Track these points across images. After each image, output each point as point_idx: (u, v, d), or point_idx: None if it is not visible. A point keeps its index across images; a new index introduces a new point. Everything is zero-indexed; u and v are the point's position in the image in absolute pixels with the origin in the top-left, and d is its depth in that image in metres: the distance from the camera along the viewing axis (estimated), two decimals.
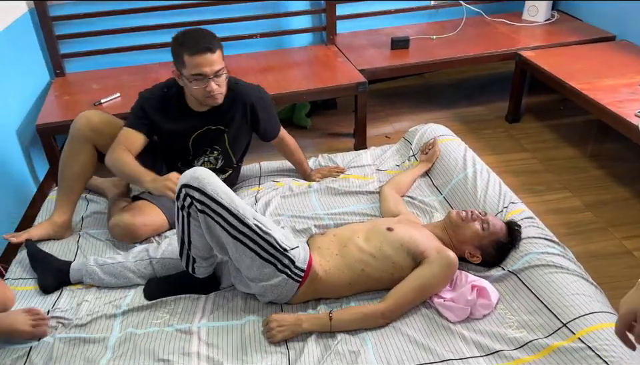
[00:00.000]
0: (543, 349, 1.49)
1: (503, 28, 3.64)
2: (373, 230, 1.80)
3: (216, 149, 2.20)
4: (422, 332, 1.62)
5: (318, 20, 3.63)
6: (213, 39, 1.93)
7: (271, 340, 1.61)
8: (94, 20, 3.18)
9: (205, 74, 1.91)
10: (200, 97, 1.99)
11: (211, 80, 1.93)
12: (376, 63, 3.23)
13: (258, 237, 1.61)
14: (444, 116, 3.50)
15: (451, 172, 2.27)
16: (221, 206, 1.58)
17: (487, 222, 1.80)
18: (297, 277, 1.68)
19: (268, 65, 3.29)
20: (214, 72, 1.92)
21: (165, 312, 1.75)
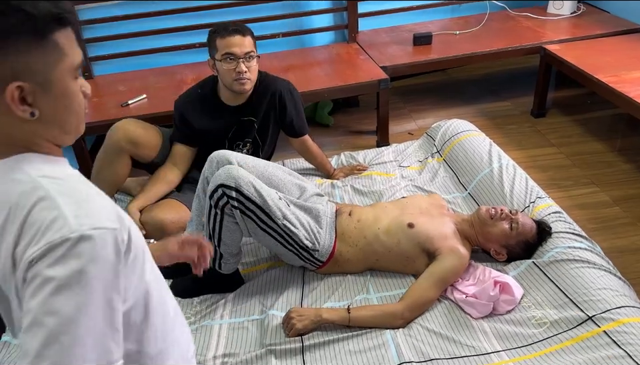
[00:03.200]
0: (566, 341, 1.48)
1: (527, 23, 3.59)
2: (395, 222, 1.83)
3: (248, 141, 2.26)
4: (445, 327, 1.62)
5: (340, 19, 3.63)
6: (244, 27, 2.07)
7: (291, 330, 1.62)
8: (121, 24, 3.24)
9: (235, 53, 2.02)
10: (229, 81, 2.06)
11: (241, 62, 2.02)
12: (398, 60, 3.23)
13: (285, 234, 1.73)
14: (468, 112, 3.47)
15: (476, 168, 2.26)
16: (255, 205, 1.67)
17: (517, 222, 1.77)
18: (316, 265, 1.85)
19: (290, 64, 3.31)
20: (244, 53, 2.02)
21: (190, 313, 1.79)
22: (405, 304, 1.66)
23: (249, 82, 2.09)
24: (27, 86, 0.80)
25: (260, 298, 1.83)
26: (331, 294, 1.81)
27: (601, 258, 1.73)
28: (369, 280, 1.86)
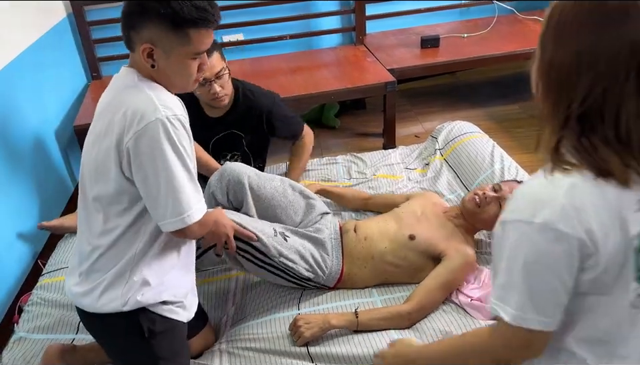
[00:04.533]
0: None
1: (536, 26, 3.58)
2: (397, 238, 1.80)
3: (236, 154, 2.26)
4: (452, 326, 1.61)
5: (347, 21, 3.64)
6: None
7: (299, 339, 1.60)
8: None
9: (206, 78, 1.99)
10: (207, 100, 2.11)
11: (213, 83, 2.03)
12: (405, 62, 3.22)
13: (283, 269, 1.71)
14: (476, 115, 3.46)
15: (478, 169, 2.26)
16: (249, 245, 1.65)
17: (504, 198, 1.76)
18: (324, 287, 1.83)
19: (297, 66, 3.31)
20: (214, 75, 2.02)
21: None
22: (411, 304, 1.64)
23: (225, 97, 2.11)
24: (155, 50, 1.24)
25: (258, 302, 1.82)
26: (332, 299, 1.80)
27: None
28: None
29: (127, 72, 1.31)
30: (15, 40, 2.47)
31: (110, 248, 1.34)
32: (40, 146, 2.62)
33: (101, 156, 1.29)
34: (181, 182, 1.25)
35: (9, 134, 2.31)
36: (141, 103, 1.24)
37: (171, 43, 1.23)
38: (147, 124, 1.21)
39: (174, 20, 1.20)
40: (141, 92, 1.26)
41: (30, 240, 2.37)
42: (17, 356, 1.71)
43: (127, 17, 1.24)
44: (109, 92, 1.35)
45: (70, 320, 1.83)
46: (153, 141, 1.22)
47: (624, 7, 0.82)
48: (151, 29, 1.21)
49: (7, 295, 2.15)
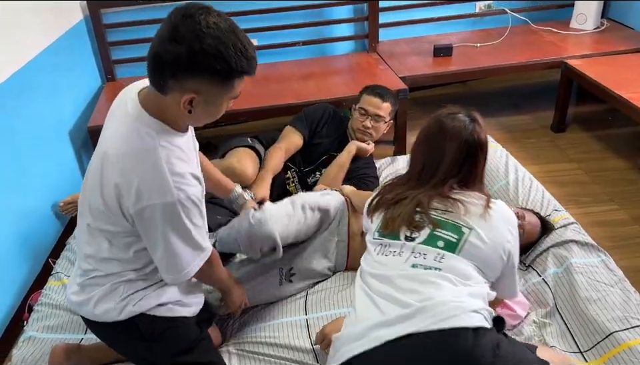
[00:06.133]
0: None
1: (549, 37, 3.57)
2: None
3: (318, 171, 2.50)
4: None
5: (360, 28, 3.65)
6: (390, 94, 2.47)
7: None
8: (144, 28, 3.30)
9: (368, 111, 2.39)
10: (354, 128, 2.46)
11: (368, 119, 2.38)
12: (417, 71, 3.23)
13: None
14: (487, 125, 3.37)
15: (492, 180, 2.25)
16: None
17: (523, 228, 1.78)
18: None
19: (310, 72, 3.33)
20: (374, 114, 2.40)
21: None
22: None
23: (369, 136, 2.44)
24: (198, 99, 1.18)
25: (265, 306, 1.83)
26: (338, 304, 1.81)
27: (613, 273, 1.71)
28: None
29: (138, 114, 1.24)
30: (33, 41, 2.51)
31: (110, 273, 1.38)
32: (54, 146, 2.65)
33: (105, 199, 1.27)
34: (180, 248, 1.28)
35: (24, 134, 2.34)
36: (152, 179, 1.20)
37: (216, 93, 1.20)
38: (156, 204, 1.20)
39: (227, 74, 1.16)
40: (154, 161, 1.20)
41: (42, 239, 2.40)
42: (26, 355, 1.73)
43: (171, 66, 1.14)
44: (115, 125, 1.29)
45: (78, 321, 1.84)
46: (159, 220, 1.22)
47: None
48: (198, 82, 1.16)
49: (18, 293, 2.17)
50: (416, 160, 1.51)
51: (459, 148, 1.41)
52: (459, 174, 1.42)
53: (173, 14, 1.15)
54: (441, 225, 1.36)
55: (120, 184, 1.21)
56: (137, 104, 1.25)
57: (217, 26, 1.12)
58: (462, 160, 1.41)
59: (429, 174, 1.44)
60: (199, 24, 1.11)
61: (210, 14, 1.13)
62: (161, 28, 1.17)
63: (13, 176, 2.22)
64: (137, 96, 1.27)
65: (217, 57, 1.12)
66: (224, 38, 1.12)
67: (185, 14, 1.13)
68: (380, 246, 1.42)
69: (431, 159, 1.44)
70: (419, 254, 1.34)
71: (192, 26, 1.11)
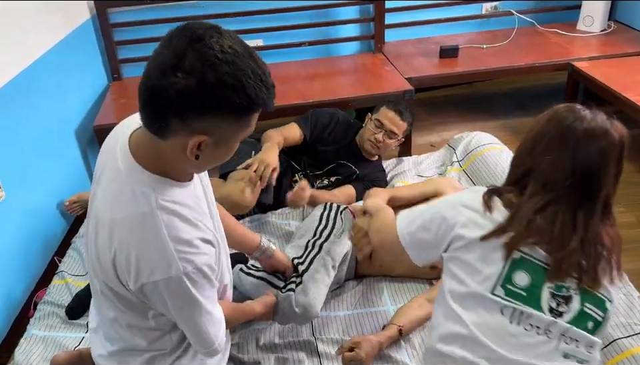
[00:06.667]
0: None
1: (556, 39, 3.56)
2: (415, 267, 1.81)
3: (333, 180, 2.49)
4: None
5: (366, 29, 3.65)
6: (409, 114, 2.43)
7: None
8: (150, 28, 3.30)
9: (384, 125, 2.34)
10: (366, 138, 2.40)
11: (382, 133, 2.34)
12: (423, 71, 3.22)
13: None
14: (493, 126, 3.44)
15: (497, 181, 2.24)
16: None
17: None
18: None
19: (315, 72, 3.33)
20: (389, 129, 2.35)
21: None
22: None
23: (376, 149, 2.40)
24: (207, 141, 0.94)
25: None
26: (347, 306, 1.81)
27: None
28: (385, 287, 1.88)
29: (130, 169, 1.02)
30: (40, 40, 2.52)
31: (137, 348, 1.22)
32: (61, 145, 2.66)
33: (104, 269, 1.07)
34: (198, 325, 1.11)
35: (31, 132, 2.35)
36: (152, 251, 1.00)
37: (230, 132, 0.97)
38: (158, 281, 1.01)
39: (246, 109, 0.94)
40: (153, 228, 0.99)
41: (48, 237, 2.41)
42: (27, 354, 1.73)
43: (176, 103, 0.90)
44: (105, 184, 1.07)
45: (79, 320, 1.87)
46: (165, 296, 1.04)
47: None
48: (210, 120, 0.93)
49: (24, 290, 2.18)
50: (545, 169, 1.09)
51: (619, 158, 1.11)
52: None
53: (175, 38, 0.90)
54: (588, 294, 1.05)
55: (116, 258, 1.02)
56: (129, 156, 1.03)
57: (233, 50, 0.90)
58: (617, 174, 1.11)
59: (588, 189, 1.06)
60: (212, 49, 0.88)
61: (222, 35, 0.91)
62: (158, 55, 0.92)
63: (20, 174, 2.23)
64: (127, 144, 1.04)
65: (236, 89, 0.89)
66: (242, 64, 0.90)
67: (193, 38, 0.89)
68: (510, 311, 1.04)
69: (588, 170, 1.06)
70: (570, 339, 1.03)
71: (204, 51, 0.88)
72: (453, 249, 1.12)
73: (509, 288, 1.05)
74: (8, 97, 2.17)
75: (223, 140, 0.98)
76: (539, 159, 1.09)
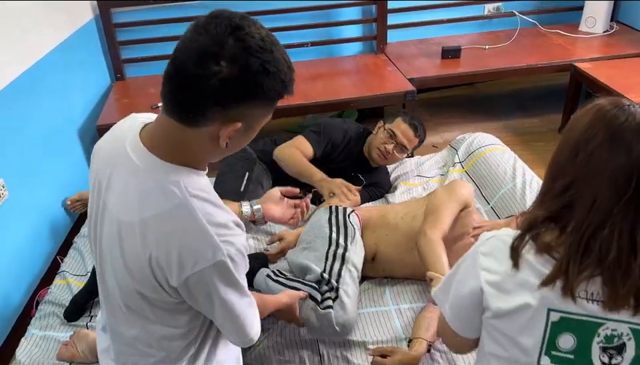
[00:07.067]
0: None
1: (558, 40, 3.56)
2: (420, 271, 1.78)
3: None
4: None
5: (369, 30, 3.65)
6: (423, 130, 2.36)
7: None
8: (153, 28, 3.31)
9: (397, 137, 2.27)
10: (374, 146, 2.31)
11: (394, 145, 2.27)
12: (426, 72, 3.23)
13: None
14: (495, 127, 3.45)
15: (499, 182, 2.25)
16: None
17: None
18: None
19: (318, 73, 3.33)
20: (401, 142, 2.28)
21: None
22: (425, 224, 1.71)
23: (385, 161, 2.33)
24: (240, 127, 0.95)
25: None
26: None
27: None
28: (387, 287, 1.88)
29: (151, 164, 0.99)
30: (44, 40, 2.53)
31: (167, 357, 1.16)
32: (64, 144, 2.67)
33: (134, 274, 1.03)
34: (240, 310, 1.08)
35: (34, 131, 2.36)
36: (194, 240, 0.97)
37: (260, 117, 1.00)
38: (204, 269, 0.98)
39: (280, 94, 0.98)
40: (191, 217, 0.97)
41: (51, 235, 2.42)
42: (29, 353, 1.74)
43: (219, 91, 0.90)
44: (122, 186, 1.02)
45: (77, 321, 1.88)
46: (210, 284, 1.01)
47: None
48: (249, 107, 0.95)
49: (27, 289, 2.19)
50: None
51: None
52: None
53: (212, 25, 0.91)
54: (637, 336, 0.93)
55: (154, 257, 0.98)
56: (144, 151, 1.00)
57: (270, 39, 0.94)
58: None
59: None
60: (252, 37, 0.91)
61: (255, 24, 0.95)
62: (192, 41, 0.92)
63: (23, 173, 2.24)
64: (138, 140, 1.01)
65: (274, 76, 0.93)
66: (277, 53, 0.94)
67: (233, 26, 0.91)
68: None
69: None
70: None
71: (245, 39, 0.90)
72: (485, 318, 1.00)
73: (555, 355, 0.94)
74: (11, 96, 2.18)
75: (252, 126, 1.00)
76: (584, 168, 0.90)
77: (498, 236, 1.00)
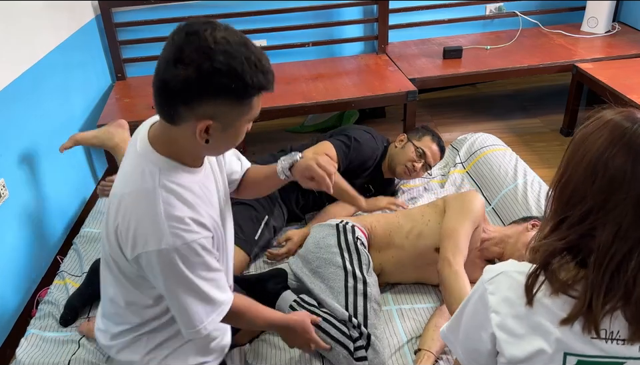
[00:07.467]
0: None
1: (560, 40, 3.55)
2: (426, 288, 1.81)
3: None
4: None
5: (370, 30, 3.65)
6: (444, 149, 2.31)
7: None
8: (154, 27, 3.31)
9: (426, 157, 2.22)
10: (401, 162, 2.24)
11: (420, 164, 2.22)
12: (427, 72, 3.22)
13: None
14: (496, 128, 3.44)
15: (500, 183, 2.24)
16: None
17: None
18: None
19: (319, 73, 3.33)
20: (429, 163, 2.25)
21: None
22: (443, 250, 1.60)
23: (408, 176, 2.27)
24: (214, 125, 1.06)
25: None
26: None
27: None
28: (388, 290, 1.87)
29: (145, 151, 1.14)
30: (45, 39, 2.53)
31: (133, 323, 1.30)
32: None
33: (110, 241, 1.18)
34: (187, 302, 1.16)
35: (35, 131, 2.35)
36: (148, 223, 1.09)
37: (234, 116, 1.08)
38: (151, 252, 1.09)
39: (244, 92, 1.04)
40: (151, 203, 1.09)
41: (50, 236, 2.41)
42: (29, 353, 1.73)
43: (180, 92, 1.02)
44: (124, 165, 1.20)
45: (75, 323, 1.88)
46: (157, 270, 1.12)
47: None
48: (213, 105, 1.04)
49: (27, 289, 2.19)
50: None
51: None
52: None
53: (176, 34, 1.03)
54: None
55: (119, 228, 1.13)
56: (146, 141, 1.15)
57: (225, 40, 1.01)
58: None
59: None
60: (205, 40, 1.00)
61: (216, 28, 1.02)
62: (163, 51, 1.04)
63: (23, 173, 2.23)
64: (147, 132, 1.17)
65: (230, 74, 1.00)
66: (235, 52, 1.01)
67: (189, 32, 1.01)
68: None
69: None
70: None
71: (198, 43, 1.00)
72: (500, 363, 0.95)
73: None
74: (12, 96, 2.18)
75: (229, 123, 1.08)
76: (604, 193, 0.83)
77: (506, 272, 0.93)
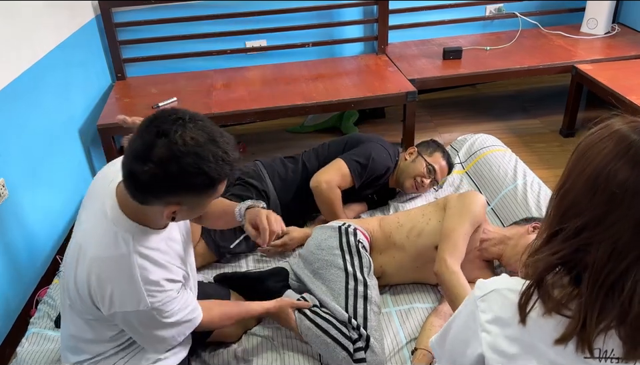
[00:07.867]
0: None
1: (559, 41, 3.55)
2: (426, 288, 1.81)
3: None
4: None
5: (370, 30, 3.65)
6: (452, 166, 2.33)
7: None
8: (154, 28, 3.31)
9: (435, 171, 2.24)
10: (409, 175, 2.25)
11: (429, 179, 2.24)
12: (427, 73, 3.22)
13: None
14: (496, 128, 3.44)
15: (500, 184, 2.24)
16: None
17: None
18: None
19: (318, 73, 3.33)
20: (437, 179, 2.26)
21: None
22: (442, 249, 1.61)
23: (415, 191, 2.28)
24: (181, 208, 1.15)
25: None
26: None
27: None
28: (387, 292, 1.87)
29: (116, 217, 1.20)
30: (45, 39, 2.53)
31: (93, 354, 1.37)
32: (65, 143, 2.66)
33: (79, 292, 1.24)
34: (164, 334, 1.29)
35: (35, 130, 2.35)
36: (125, 288, 1.18)
37: (201, 200, 1.17)
38: (128, 312, 1.21)
39: (210, 186, 1.12)
40: (128, 270, 1.18)
41: (50, 236, 2.41)
42: (30, 352, 1.74)
43: (149, 186, 1.08)
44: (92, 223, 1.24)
45: None
46: (135, 324, 1.24)
47: None
48: (180, 196, 1.13)
49: (27, 288, 2.19)
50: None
51: None
52: None
53: (146, 132, 1.06)
54: None
55: (93, 288, 1.20)
56: (115, 205, 1.21)
57: (194, 141, 1.06)
58: None
59: None
60: (175, 143, 1.04)
61: (185, 127, 1.06)
62: (134, 142, 1.09)
63: (23, 172, 2.23)
64: (115, 193, 1.22)
65: (198, 174, 1.07)
66: (203, 153, 1.06)
67: (159, 133, 1.05)
68: None
69: None
70: None
71: (167, 146, 1.04)
72: None
73: None
74: (12, 96, 2.18)
75: (195, 206, 1.19)
76: (603, 209, 0.78)
77: (499, 290, 0.90)
